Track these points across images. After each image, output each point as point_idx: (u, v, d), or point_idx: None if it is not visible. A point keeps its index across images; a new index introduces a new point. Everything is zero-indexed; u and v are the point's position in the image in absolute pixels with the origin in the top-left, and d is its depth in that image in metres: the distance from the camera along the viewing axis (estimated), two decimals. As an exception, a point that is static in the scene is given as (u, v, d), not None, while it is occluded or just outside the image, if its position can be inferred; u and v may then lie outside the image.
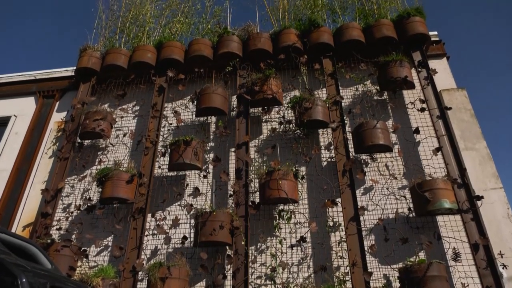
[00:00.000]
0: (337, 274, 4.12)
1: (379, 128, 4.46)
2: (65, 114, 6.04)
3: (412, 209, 4.29)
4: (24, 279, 1.56)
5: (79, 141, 5.47)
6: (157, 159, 5.08)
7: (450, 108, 4.78)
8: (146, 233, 4.70)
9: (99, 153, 5.51)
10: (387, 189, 4.56)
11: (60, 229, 4.92)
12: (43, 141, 5.86)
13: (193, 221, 4.68)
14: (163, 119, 5.44)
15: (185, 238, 4.46)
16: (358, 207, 4.23)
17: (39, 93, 6.34)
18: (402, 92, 5.21)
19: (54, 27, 19.36)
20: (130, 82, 5.88)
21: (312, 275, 4.20)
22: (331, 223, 4.43)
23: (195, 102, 5.29)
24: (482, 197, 4.07)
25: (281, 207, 4.61)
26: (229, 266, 4.32)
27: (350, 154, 4.63)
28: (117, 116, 5.68)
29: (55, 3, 18.88)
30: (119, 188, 4.60)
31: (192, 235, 4.60)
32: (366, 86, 5.33)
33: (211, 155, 5.17)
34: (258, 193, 4.52)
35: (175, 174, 5.11)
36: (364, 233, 4.27)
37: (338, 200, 4.42)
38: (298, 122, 4.81)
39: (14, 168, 5.63)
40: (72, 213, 5.06)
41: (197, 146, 4.74)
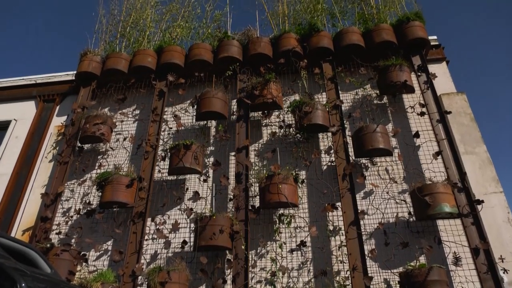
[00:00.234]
0: (337, 278, 4.11)
1: (379, 132, 4.47)
2: (65, 118, 6.05)
3: (412, 213, 4.28)
4: (23, 284, 1.55)
5: (79, 145, 5.47)
6: (157, 163, 5.08)
7: (450, 112, 4.79)
8: (146, 237, 4.69)
9: (99, 157, 5.51)
10: (387, 193, 4.56)
11: (59, 233, 4.91)
12: (43, 145, 5.86)
13: (193, 225, 4.67)
14: (163, 123, 5.45)
15: (185, 242, 4.45)
16: (358, 211, 4.22)
17: (40, 97, 6.35)
18: (402, 96, 5.22)
19: (54, 32, 19.44)
20: (131, 86, 5.89)
21: (312, 280, 4.18)
22: (331, 227, 4.42)
23: (195, 106, 5.30)
24: (483, 201, 4.06)
25: (281, 211, 4.60)
26: (229, 271, 4.31)
27: (350, 158, 4.63)
28: (117, 120, 5.68)
29: (56, 8, 18.97)
30: (119, 192, 4.60)
31: (192, 240, 4.59)
32: (366, 90, 5.34)
33: (211, 159, 5.17)
34: (258, 197, 4.52)
35: (175, 178, 5.11)
36: (364, 237, 4.26)
37: (338, 204, 4.41)
38: (298, 126, 4.81)
39: (14, 172, 5.63)
40: (71, 217, 5.05)
41: (197, 150, 4.74)
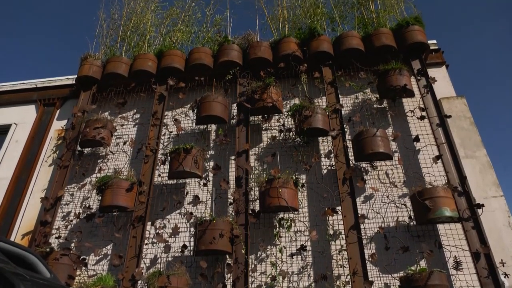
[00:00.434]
0: (337, 283, 4.09)
1: (379, 136, 4.47)
2: (65, 122, 6.05)
3: (412, 217, 4.28)
4: (22, 288, 1.55)
5: (79, 149, 5.47)
6: (157, 167, 5.08)
7: (450, 116, 4.79)
8: (146, 241, 4.68)
9: (99, 161, 5.51)
10: (388, 197, 4.55)
11: (59, 237, 4.90)
12: (43, 149, 5.86)
13: (193, 229, 4.66)
14: (163, 127, 5.45)
15: (184, 246, 4.44)
16: (359, 215, 4.21)
17: (40, 101, 6.36)
18: (402, 100, 5.22)
19: (55, 36, 19.50)
20: (131, 90, 5.90)
21: (312, 284, 4.17)
22: (332, 232, 4.41)
23: (195, 110, 5.31)
24: (483, 205, 4.05)
25: (281, 216, 4.59)
26: (229, 275, 4.30)
27: (350, 162, 4.63)
28: (117, 124, 5.68)
29: (56, 12, 19.04)
30: (119, 196, 4.59)
31: (191, 244, 4.58)
32: (365, 94, 5.35)
33: (211, 163, 5.17)
34: (258, 201, 4.51)
35: (175, 182, 5.11)
36: (364, 241, 4.25)
37: (339, 208, 4.40)
38: (298, 130, 4.82)
39: (14, 176, 5.62)
40: (71, 221, 5.04)
41: (197, 154, 4.74)
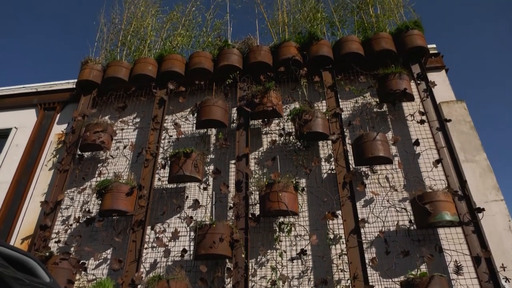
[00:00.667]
0: (338, 287, 4.08)
1: (379, 140, 4.47)
2: (65, 126, 6.06)
3: (413, 221, 4.27)
4: (22, 293, 1.54)
5: (79, 153, 5.47)
6: (157, 171, 5.08)
7: (450, 120, 4.80)
8: (146, 245, 4.67)
9: (99, 165, 5.51)
10: (388, 201, 4.54)
11: (59, 241, 4.88)
12: (43, 153, 5.86)
13: (192, 233, 4.65)
14: (164, 131, 5.46)
15: (184, 251, 4.43)
16: (359, 220, 4.20)
17: (40, 105, 6.37)
18: (402, 104, 5.23)
19: (55, 40, 19.55)
20: (131, 95, 5.91)
21: (312, 289, 4.15)
22: (332, 236, 4.40)
23: (196, 114, 5.31)
24: (483, 209, 4.05)
25: (281, 220, 4.59)
26: (229, 280, 4.28)
27: (350, 166, 4.63)
28: (117, 128, 5.69)
29: (57, 17, 19.11)
30: (119, 200, 4.59)
31: (191, 248, 4.57)
32: (365, 99, 5.36)
33: (211, 167, 5.17)
34: (258, 205, 4.50)
35: (175, 186, 5.10)
36: (365, 245, 4.24)
37: (339, 212, 4.40)
38: (298, 134, 4.82)
39: (14, 180, 5.62)
40: (71, 225, 5.03)
41: (197, 158, 4.74)
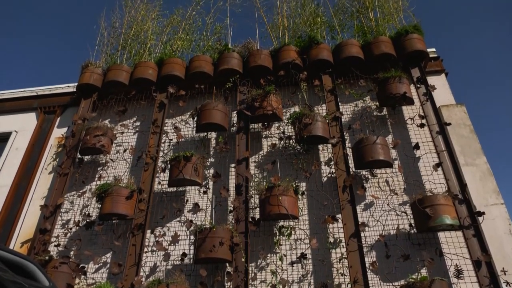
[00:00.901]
0: (338, 291, 4.06)
1: (379, 143, 4.47)
2: (65, 129, 6.06)
3: (413, 225, 4.26)
4: (21, 297, 1.54)
5: (79, 156, 5.47)
6: (157, 175, 5.07)
7: (450, 123, 4.80)
8: (145, 249, 4.66)
9: (99, 168, 5.50)
10: (388, 205, 4.54)
11: (58, 245, 4.87)
12: (43, 156, 5.86)
13: (192, 237, 4.64)
14: (164, 135, 5.46)
15: (184, 254, 4.42)
16: (359, 223, 4.20)
17: (40, 109, 6.38)
18: (402, 108, 5.24)
19: (56, 44, 19.61)
20: (131, 98, 5.92)
21: (313, 293, 4.14)
22: (332, 240, 4.39)
23: (196, 118, 5.32)
24: (484, 213, 4.04)
25: (281, 223, 4.58)
26: (229, 284, 4.27)
27: (350, 170, 4.63)
28: (117, 131, 5.69)
29: (58, 20, 19.17)
30: (119, 204, 4.58)
31: (191, 252, 4.55)
32: (365, 102, 5.36)
33: (211, 171, 5.17)
34: (258, 209, 4.50)
35: (175, 190, 5.10)
36: (365, 249, 4.23)
37: (339, 216, 4.39)
38: (298, 138, 4.82)
39: (14, 183, 5.62)
40: (70, 229, 5.02)
41: (197, 161, 4.74)
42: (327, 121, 4.96)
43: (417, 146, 4.67)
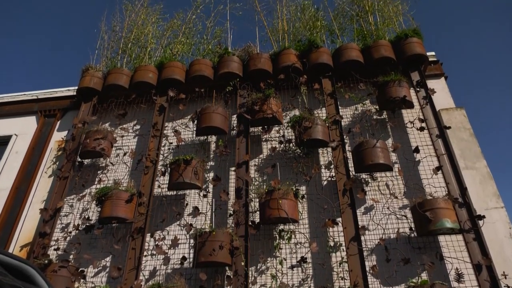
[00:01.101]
0: (338, 295, 4.05)
1: (379, 147, 4.47)
2: (65, 133, 6.06)
3: (413, 228, 4.25)
4: (20, 301, 1.53)
5: (79, 160, 5.47)
6: (157, 178, 5.07)
7: (449, 127, 4.81)
8: (145, 253, 4.65)
9: (99, 172, 5.50)
10: (388, 208, 4.53)
11: (58, 249, 4.86)
12: (43, 160, 5.86)
13: (192, 241, 4.63)
14: (164, 138, 5.46)
15: (184, 258, 4.41)
16: (359, 227, 4.19)
17: (41, 112, 6.38)
18: (401, 111, 5.24)
19: (56, 48, 19.65)
20: (131, 102, 5.92)
21: (313, 297, 4.13)
22: (332, 243, 4.38)
23: (196, 121, 5.32)
24: (484, 216, 4.04)
25: (281, 227, 4.57)
26: (228, 287, 4.25)
27: (350, 173, 4.62)
28: (117, 135, 5.69)
29: (58, 24, 19.23)
30: (118, 207, 4.57)
31: (191, 256, 4.54)
32: (365, 106, 5.37)
33: (211, 174, 5.17)
34: (258, 212, 4.49)
35: (175, 193, 5.09)
36: (365, 253, 4.22)
37: (339, 219, 4.38)
38: (298, 141, 4.82)
39: (14, 187, 5.61)
40: (70, 233, 5.01)
41: (197, 165, 4.73)
42: (327, 124, 4.96)
43: (417, 150, 4.67)
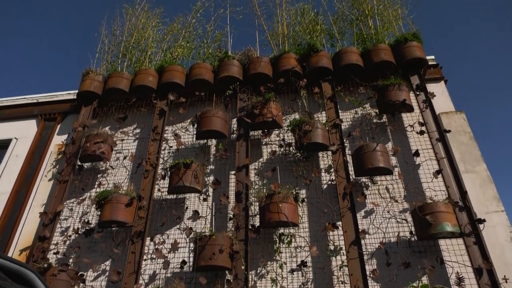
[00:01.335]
0: (338, 299, 4.04)
1: (379, 151, 4.47)
2: (66, 136, 6.07)
3: (413, 232, 4.25)
4: (19, 305, 1.53)
5: (79, 163, 5.47)
6: (157, 182, 5.07)
7: (449, 131, 4.81)
8: (145, 257, 4.63)
9: (99, 176, 5.50)
10: (388, 212, 4.53)
11: (57, 253, 4.85)
12: (43, 163, 5.86)
13: (192, 245, 4.62)
14: (164, 142, 5.46)
15: (184, 262, 4.39)
16: (359, 231, 4.18)
17: (41, 116, 6.39)
18: (401, 115, 5.25)
19: (57, 52, 19.70)
20: (132, 105, 5.93)
21: (313, 301, 4.11)
22: (332, 247, 4.37)
23: (196, 125, 5.32)
24: (484, 220, 4.03)
25: (281, 231, 4.56)
26: (228, 292, 4.24)
27: (350, 177, 4.62)
28: (117, 138, 5.70)
29: (59, 28, 19.28)
30: (118, 211, 4.57)
31: (191, 259, 4.53)
32: (365, 109, 5.37)
33: (211, 178, 5.16)
34: (258, 216, 4.48)
35: (175, 197, 5.09)
36: (365, 257, 4.21)
37: (339, 223, 4.37)
38: (298, 145, 4.82)
39: (13, 190, 5.60)
40: (70, 236, 5.00)
41: (197, 169, 4.73)
42: (327, 128, 4.97)
43: (417, 153, 4.67)
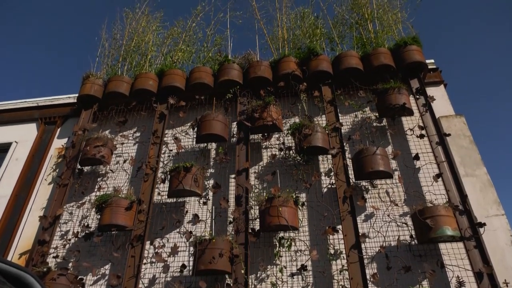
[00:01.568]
0: (339, 304, 4.02)
1: (379, 154, 4.47)
2: (66, 140, 6.07)
3: (414, 236, 4.24)
4: (18, 310, 1.52)
5: (79, 167, 5.46)
6: (156, 186, 5.06)
7: (449, 134, 4.81)
8: (144, 261, 4.62)
9: (99, 179, 5.49)
10: (388, 216, 4.52)
11: (57, 257, 4.84)
12: (43, 167, 5.85)
13: (192, 248, 4.61)
14: (164, 146, 5.46)
15: (183, 266, 4.38)
16: (359, 235, 4.17)
17: (41, 119, 6.39)
18: (401, 118, 5.25)
19: (57, 55, 19.74)
20: (132, 109, 5.94)
21: (313, 305, 4.10)
22: (332, 251, 4.36)
23: (196, 128, 5.33)
24: (485, 224, 4.02)
25: (281, 235, 4.55)
26: (228, 296, 4.23)
27: (351, 181, 4.62)
28: (117, 142, 5.70)
29: (59, 32, 19.34)
30: (118, 215, 4.56)
31: (191, 263, 4.52)
32: (365, 113, 5.38)
33: (211, 182, 5.16)
34: (258, 220, 4.48)
35: (175, 200, 5.08)
36: (365, 261, 4.20)
37: (339, 227, 4.37)
38: (298, 149, 4.82)
39: (13, 194, 5.60)
40: (69, 240, 4.99)
41: (197, 172, 4.73)
42: (327, 132, 4.97)
43: (417, 157, 4.67)
